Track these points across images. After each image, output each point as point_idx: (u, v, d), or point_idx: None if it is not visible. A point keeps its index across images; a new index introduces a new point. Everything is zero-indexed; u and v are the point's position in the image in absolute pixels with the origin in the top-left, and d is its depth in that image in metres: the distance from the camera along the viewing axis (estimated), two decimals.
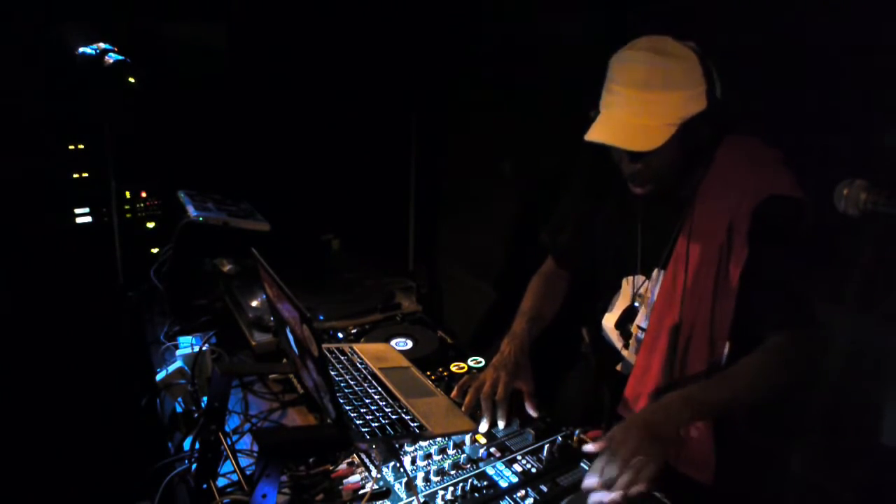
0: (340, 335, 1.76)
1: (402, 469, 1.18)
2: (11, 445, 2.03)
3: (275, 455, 0.93)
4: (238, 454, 1.23)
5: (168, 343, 1.69)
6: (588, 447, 1.18)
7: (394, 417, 1.22)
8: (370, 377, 1.39)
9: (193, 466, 1.18)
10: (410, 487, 1.14)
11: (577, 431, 1.31)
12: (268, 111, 2.49)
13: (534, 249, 1.73)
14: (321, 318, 1.79)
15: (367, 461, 1.21)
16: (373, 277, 2.10)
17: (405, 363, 1.54)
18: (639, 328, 1.47)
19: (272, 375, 1.56)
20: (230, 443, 1.21)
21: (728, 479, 1.34)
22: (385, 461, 1.21)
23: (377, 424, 1.18)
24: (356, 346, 1.57)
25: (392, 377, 1.40)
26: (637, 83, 1.20)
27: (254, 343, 1.68)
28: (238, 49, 2.49)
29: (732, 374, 1.24)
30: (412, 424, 1.20)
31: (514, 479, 1.19)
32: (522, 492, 1.15)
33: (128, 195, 2.36)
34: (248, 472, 1.19)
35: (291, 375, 1.52)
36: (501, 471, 1.21)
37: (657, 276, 1.42)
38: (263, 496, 0.93)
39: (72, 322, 2.20)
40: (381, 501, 1.12)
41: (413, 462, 1.22)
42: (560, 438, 1.29)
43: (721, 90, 1.24)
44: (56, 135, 2.23)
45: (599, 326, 1.60)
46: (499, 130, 2.52)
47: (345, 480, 1.16)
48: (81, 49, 1.97)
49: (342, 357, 1.48)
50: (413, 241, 3.07)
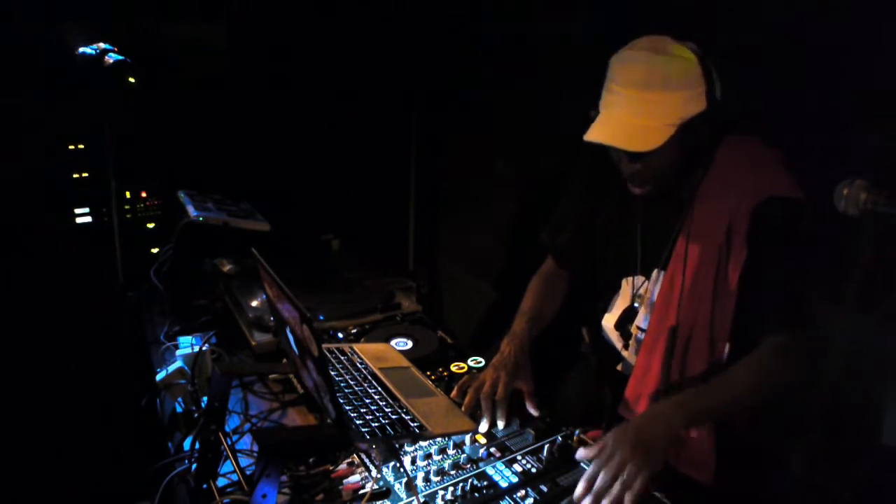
0: (340, 335, 1.76)
1: (402, 469, 1.18)
2: (11, 445, 2.03)
3: (275, 455, 0.93)
4: (238, 454, 1.23)
5: (168, 343, 1.69)
6: (579, 454, 1.19)
7: (394, 417, 1.22)
8: (370, 377, 1.39)
9: (193, 466, 1.18)
10: (410, 487, 1.14)
11: (577, 431, 1.31)
12: (268, 111, 2.49)
13: (534, 249, 1.73)
14: (321, 318, 1.79)
15: (367, 461, 1.21)
16: (373, 277, 2.10)
17: (405, 363, 1.54)
18: (638, 329, 1.47)
19: (272, 375, 1.56)
20: (230, 443, 1.21)
21: (728, 479, 1.34)
22: (385, 461, 1.21)
23: (377, 424, 1.18)
24: (356, 346, 1.57)
25: (392, 377, 1.40)
26: (637, 83, 1.20)
27: (254, 343, 1.68)
28: (238, 49, 2.49)
29: (730, 377, 1.24)
30: (412, 424, 1.20)
31: (514, 479, 1.19)
32: (522, 492, 1.15)
33: (128, 195, 2.35)
34: (248, 472, 1.19)
35: (291, 375, 1.52)
36: (501, 471, 1.21)
37: (657, 277, 1.42)
38: (263, 496, 0.93)
39: (72, 322, 2.19)
40: (381, 501, 1.12)
41: (413, 462, 1.22)
42: (560, 438, 1.29)
43: (721, 90, 1.24)
44: (56, 135, 2.23)
45: (599, 327, 1.60)
46: (499, 130, 2.52)
47: (345, 480, 1.16)
48: (81, 49, 1.96)
49: (342, 357, 1.48)
50: (413, 241, 3.06)
